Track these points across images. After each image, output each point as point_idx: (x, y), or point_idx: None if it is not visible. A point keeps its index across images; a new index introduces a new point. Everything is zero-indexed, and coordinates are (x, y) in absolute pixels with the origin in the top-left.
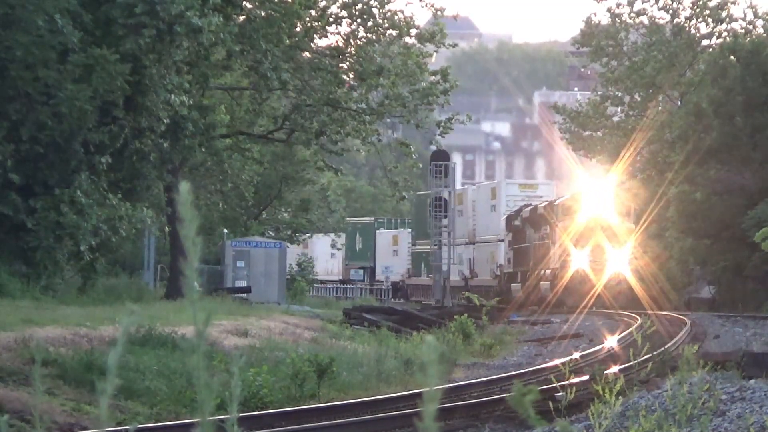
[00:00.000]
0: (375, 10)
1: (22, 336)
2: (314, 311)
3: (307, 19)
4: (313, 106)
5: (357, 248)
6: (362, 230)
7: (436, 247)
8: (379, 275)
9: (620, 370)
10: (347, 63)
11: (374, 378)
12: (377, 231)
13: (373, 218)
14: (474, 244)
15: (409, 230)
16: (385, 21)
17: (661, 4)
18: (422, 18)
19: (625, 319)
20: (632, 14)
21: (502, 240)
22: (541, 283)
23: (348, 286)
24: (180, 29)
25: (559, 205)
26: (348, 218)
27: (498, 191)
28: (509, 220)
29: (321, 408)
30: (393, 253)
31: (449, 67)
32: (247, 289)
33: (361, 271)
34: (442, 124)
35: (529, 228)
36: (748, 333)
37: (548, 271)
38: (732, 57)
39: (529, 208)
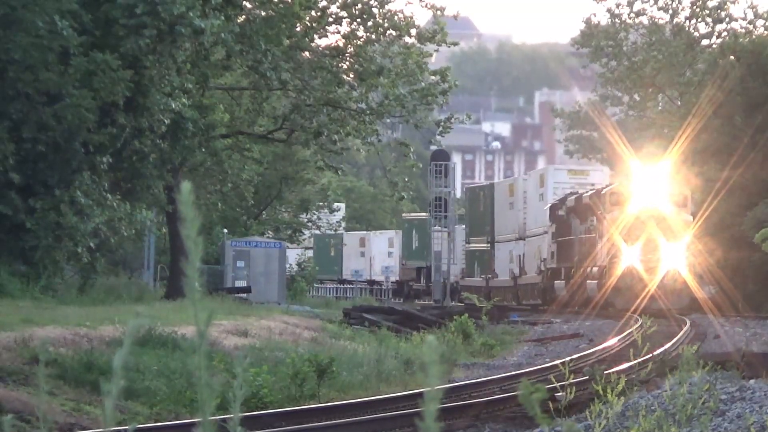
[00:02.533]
0: (375, 10)
1: (22, 336)
2: (314, 311)
3: (307, 18)
4: (313, 106)
5: (413, 246)
6: (418, 227)
7: (438, 245)
8: (436, 276)
9: (620, 370)
10: (347, 63)
11: (374, 378)
12: (433, 228)
13: (428, 214)
14: (524, 239)
15: (464, 227)
16: (385, 21)
17: (660, 3)
18: (422, 18)
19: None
20: (632, 14)
21: (547, 232)
22: (588, 281)
23: (404, 287)
24: (183, 30)
25: (606, 194)
26: (404, 214)
27: (545, 178)
28: (553, 209)
29: (321, 408)
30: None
31: (449, 68)
32: (247, 289)
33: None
34: (442, 123)
35: (574, 219)
36: (748, 333)
37: (595, 269)
38: (732, 57)
39: (573, 196)
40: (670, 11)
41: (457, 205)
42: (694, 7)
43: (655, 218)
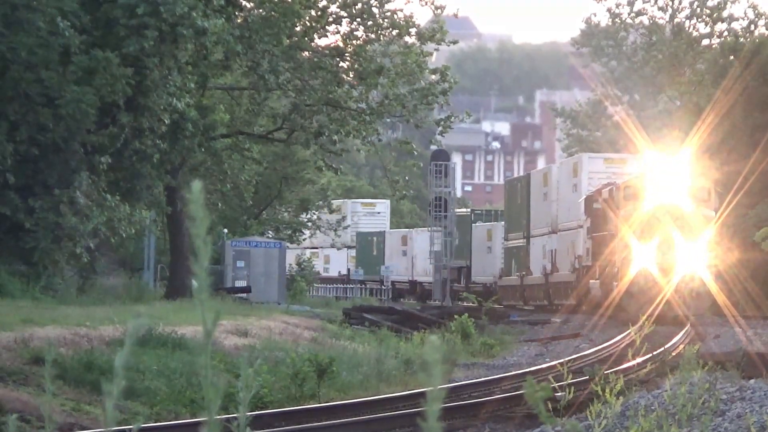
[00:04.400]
0: (375, 10)
1: (21, 336)
2: (314, 311)
3: (307, 18)
4: (313, 105)
5: (454, 245)
6: (459, 224)
7: (439, 243)
8: (476, 276)
9: (620, 370)
10: (347, 63)
11: (374, 378)
12: (473, 225)
13: (469, 210)
14: (557, 233)
15: (503, 223)
16: (385, 20)
17: (660, 3)
18: (422, 18)
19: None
20: (632, 14)
21: (581, 226)
22: (590, 282)
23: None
24: (185, 32)
25: (620, 188)
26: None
27: (579, 167)
28: (588, 202)
29: (321, 408)
30: (487, 250)
31: (449, 67)
32: (247, 289)
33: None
34: (442, 122)
35: (610, 212)
36: (748, 333)
37: (616, 269)
38: (732, 57)
39: (609, 187)
40: (670, 11)
41: (407, 206)
42: (694, 6)
43: (672, 215)
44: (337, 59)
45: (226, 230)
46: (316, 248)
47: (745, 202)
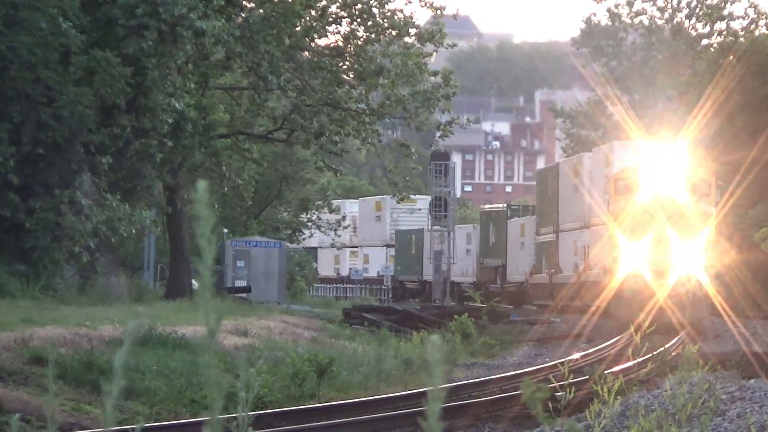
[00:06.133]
0: (375, 10)
1: (21, 336)
2: (314, 311)
3: (307, 18)
4: (313, 106)
5: (490, 242)
6: (495, 220)
7: (438, 242)
8: (511, 275)
9: (620, 370)
10: (347, 63)
11: (374, 378)
12: (509, 221)
13: (504, 204)
14: (590, 227)
15: (534, 217)
16: (385, 21)
17: (660, 3)
18: (422, 18)
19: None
20: (631, 14)
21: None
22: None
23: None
24: (184, 33)
25: (612, 180)
26: (482, 206)
27: (611, 156)
28: None
29: (321, 408)
30: (520, 246)
31: (452, 72)
32: (247, 289)
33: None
34: (443, 126)
35: None
36: (748, 333)
37: (604, 271)
38: (732, 57)
39: None
40: (670, 10)
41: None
42: (692, 6)
43: (666, 210)
44: (338, 59)
45: (226, 230)
46: (356, 247)
47: (743, 202)
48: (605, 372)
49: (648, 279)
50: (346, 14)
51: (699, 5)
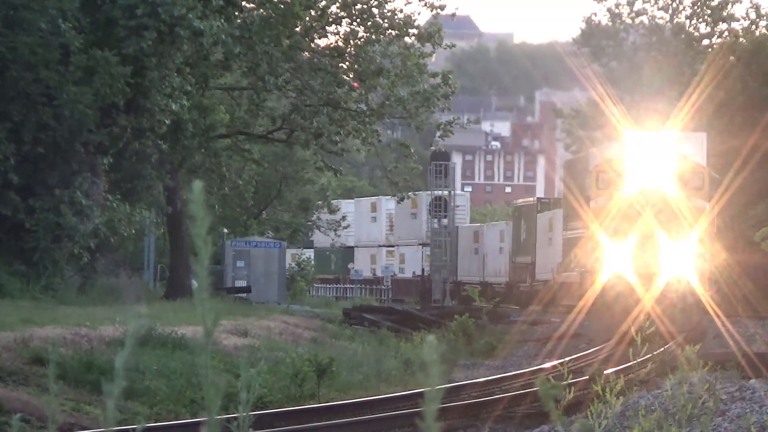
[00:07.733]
0: (375, 10)
1: (21, 336)
2: (314, 311)
3: (307, 18)
4: (313, 106)
5: (522, 238)
6: (527, 215)
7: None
8: (540, 273)
9: (620, 370)
10: (347, 63)
11: (374, 378)
12: (539, 215)
13: (534, 198)
14: None
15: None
16: (385, 21)
17: (661, 3)
18: (422, 18)
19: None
20: (632, 14)
21: None
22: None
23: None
24: (183, 33)
25: (594, 173)
26: (515, 200)
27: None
28: None
29: (321, 408)
30: (548, 242)
31: (451, 72)
32: (247, 289)
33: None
34: (443, 126)
35: None
36: (748, 333)
37: (584, 274)
38: (732, 57)
39: None
40: (671, 10)
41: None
42: (695, 6)
43: (654, 206)
44: (338, 59)
45: (226, 230)
46: (392, 246)
47: (742, 201)
48: (605, 372)
49: (633, 283)
50: (345, 14)
51: (700, 6)
